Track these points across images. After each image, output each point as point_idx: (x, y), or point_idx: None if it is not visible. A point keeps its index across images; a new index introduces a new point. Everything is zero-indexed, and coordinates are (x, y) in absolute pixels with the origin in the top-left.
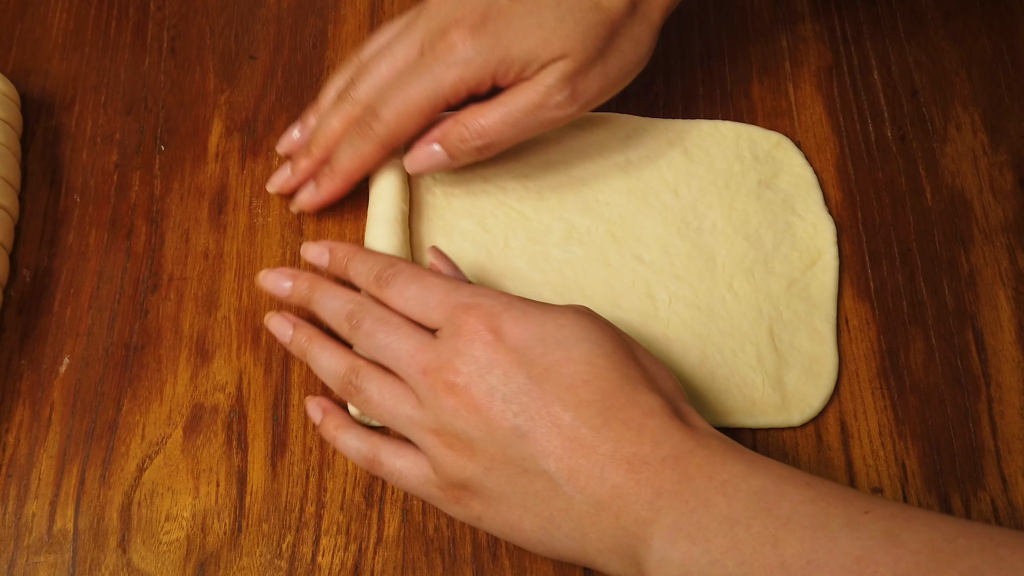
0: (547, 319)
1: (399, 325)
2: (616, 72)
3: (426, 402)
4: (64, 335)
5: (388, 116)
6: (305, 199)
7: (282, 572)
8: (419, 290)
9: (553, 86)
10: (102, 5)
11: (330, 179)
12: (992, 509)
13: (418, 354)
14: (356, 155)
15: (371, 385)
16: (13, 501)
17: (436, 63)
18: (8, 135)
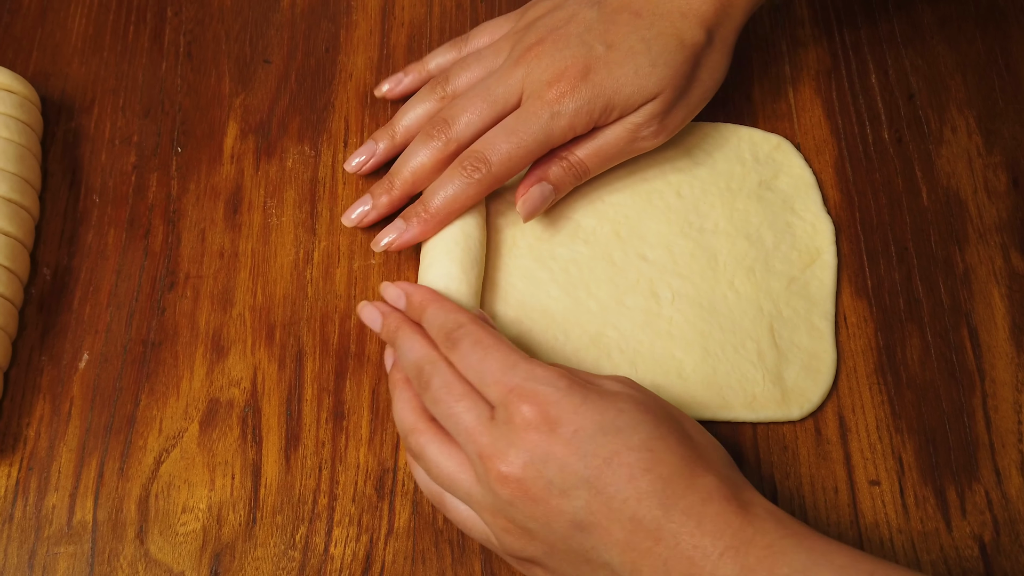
0: (606, 405)
1: (462, 396)
2: (697, 99)
3: (483, 484)
4: (83, 332)
5: (498, 161)
6: (394, 239)
7: (295, 563)
8: (478, 362)
9: (643, 124)
10: (120, 10)
11: (425, 220)
12: (987, 501)
13: (475, 434)
14: (458, 197)
15: (432, 448)
16: (34, 493)
17: (544, 111)
18: (29, 137)
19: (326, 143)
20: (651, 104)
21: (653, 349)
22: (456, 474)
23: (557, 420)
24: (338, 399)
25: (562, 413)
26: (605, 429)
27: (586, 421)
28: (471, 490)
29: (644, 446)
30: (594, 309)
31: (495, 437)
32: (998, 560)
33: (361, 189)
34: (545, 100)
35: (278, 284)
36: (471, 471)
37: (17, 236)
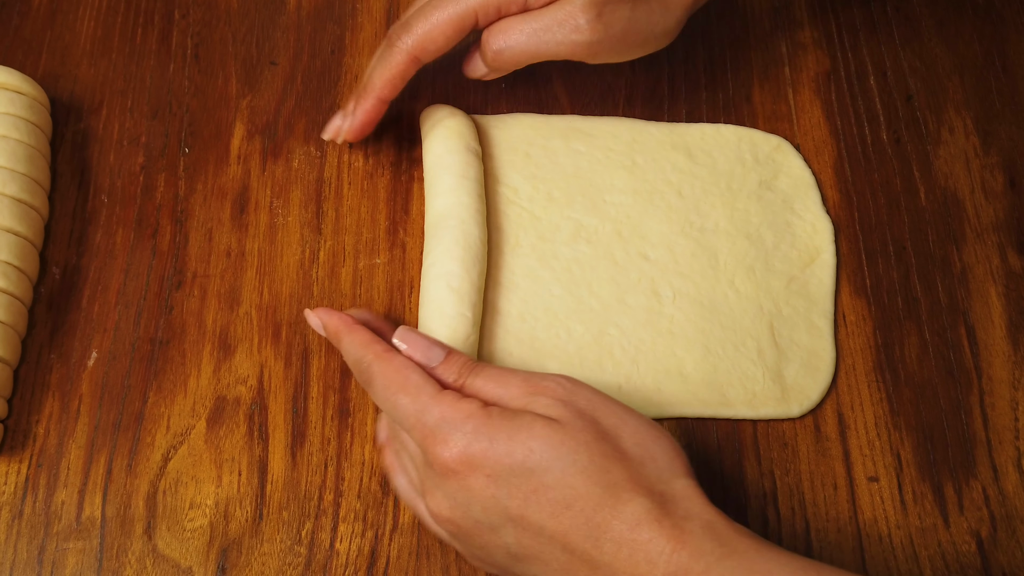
0: (514, 445)
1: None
2: (641, 25)
3: (431, 515)
4: (92, 330)
5: (417, 27)
6: (343, 124)
7: (301, 558)
8: (392, 408)
9: (580, 7)
10: (128, 13)
11: (363, 98)
12: (984, 498)
13: (414, 464)
14: (385, 68)
15: (403, 457)
16: (43, 489)
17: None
18: (38, 138)
19: (331, 144)
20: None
21: (655, 347)
22: (414, 499)
23: (471, 463)
24: (343, 397)
25: (474, 456)
26: (516, 471)
27: (499, 463)
28: (424, 516)
29: (561, 483)
30: (596, 308)
31: (426, 476)
32: (995, 555)
33: (366, 188)
34: None
35: (284, 283)
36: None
37: (27, 236)
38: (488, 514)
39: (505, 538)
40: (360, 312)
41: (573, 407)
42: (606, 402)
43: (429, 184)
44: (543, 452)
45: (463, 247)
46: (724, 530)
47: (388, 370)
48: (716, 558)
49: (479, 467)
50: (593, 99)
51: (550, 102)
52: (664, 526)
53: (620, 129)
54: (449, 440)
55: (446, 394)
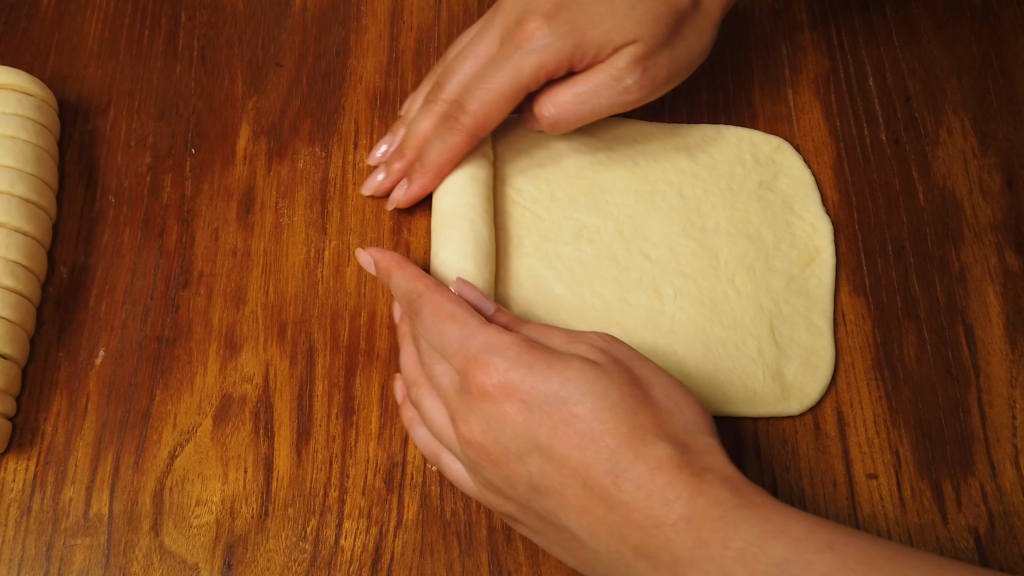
0: (552, 374)
1: (439, 359)
2: (682, 59)
3: (459, 444)
4: (99, 329)
5: (474, 107)
6: (399, 196)
7: (307, 554)
8: (438, 333)
9: (624, 68)
10: (135, 15)
11: (422, 174)
12: (981, 495)
13: (447, 398)
14: (445, 148)
15: (427, 401)
16: (51, 486)
17: (515, 52)
18: (46, 139)
19: (337, 144)
20: (632, 47)
21: (656, 346)
22: (444, 427)
23: (508, 388)
24: (348, 395)
25: (512, 381)
26: (551, 398)
27: (535, 389)
28: (453, 446)
29: (591, 416)
30: (598, 307)
31: (460, 403)
32: (993, 552)
33: None
34: (514, 41)
35: (290, 282)
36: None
37: (35, 235)
38: (517, 441)
39: (530, 466)
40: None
41: (610, 354)
42: (641, 357)
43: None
44: (577, 383)
45: (475, 246)
46: (742, 484)
47: (439, 299)
48: (732, 506)
49: (515, 392)
50: None
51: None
52: (684, 473)
53: (622, 130)
54: (490, 364)
55: (492, 324)
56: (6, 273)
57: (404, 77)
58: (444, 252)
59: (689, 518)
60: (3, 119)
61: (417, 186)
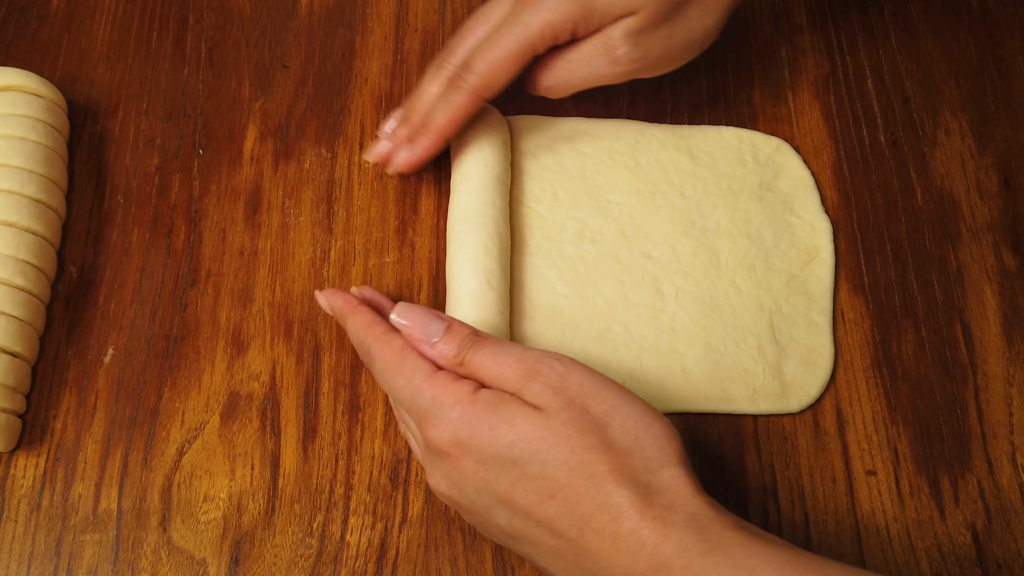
0: (496, 436)
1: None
2: (680, 38)
3: (432, 490)
4: (108, 327)
5: (480, 66)
6: (402, 159)
7: (313, 550)
8: (390, 389)
9: (617, 39)
10: (144, 18)
11: (425, 135)
12: (979, 491)
13: (415, 444)
14: (450, 108)
15: (408, 440)
16: (61, 483)
17: (525, 10)
18: (56, 140)
19: (342, 145)
20: (630, 19)
21: (658, 344)
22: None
23: (461, 445)
24: (354, 392)
25: (463, 438)
26: (502, 459)
27: (486, 449)
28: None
29: (542, 474)
30: (600, 305)
31: (425, 455)
32: (990, 547)
33: (375, 189)
34: (525, 1)
35: (296, 281)
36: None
37: (45, 235)
38: (480, 495)
39: (498, 518)
40: (366, 290)
41: (564, 394)
42: (599, 387)
43: (464, 175)
44: (523, 445)
45: (500, 248)
46: (709, 523)
47: (386, 352)
48: (699, 553)
49: (468, 451)
50: (598, 102)
51: (555, 105)
52: (646, 517)
53: (624, 131)
54: (439, 423)
55: (439, 376)
56: (16, 272)
57: (409, 79)
58: (471, 248)
59: (657, 567)
60: (13, 120)
61: (420, 148)
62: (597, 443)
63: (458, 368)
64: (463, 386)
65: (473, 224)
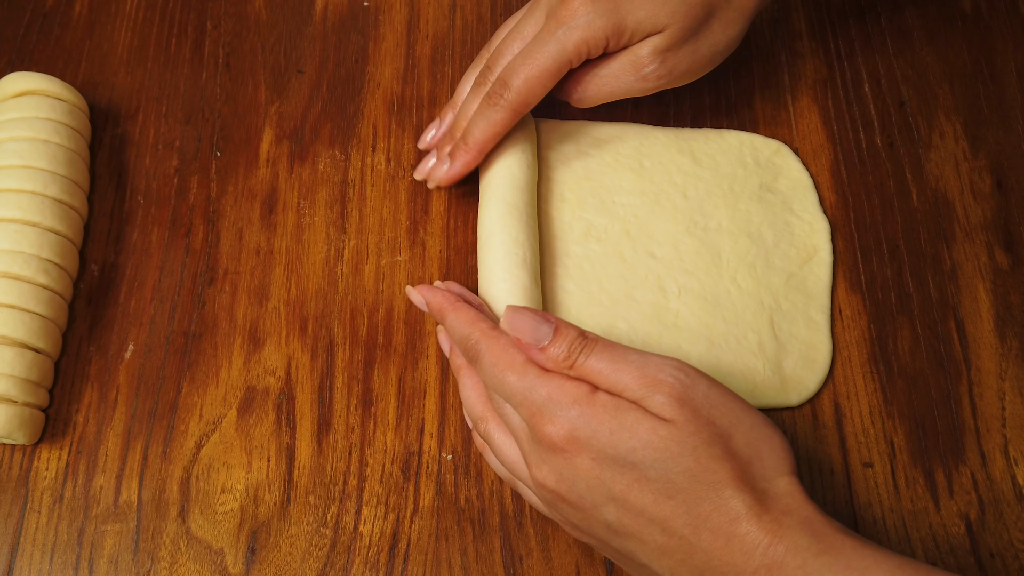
0: (618, 441)
1: (504, 401)
2: (705, 51)
3: (534, 486)
4: (129, 324)
5: (518, 83)
6: (441, 174)
7: (327, 539)
8: (499, 383)
9: (645, 57)
10: (163, 24)
11: (464, 151)
12: (972, 482)
13: (519, 439)
14: (488, 124)
15: (497, 436)
16: (83, 475)
17: (559, 28)
18: (78, 142)
19: (355, 148)
20: (657, 37)
21: (661, 340)
22: (517, 463)
23: (578, 443)
24: (367, 387)
25: (581, 437)
26: (622, 461)
27: (604, 450)
28: (528, 483)
29: (663, 478)
30: (606, 303)
31: (532, 449)
32: (983, 537)
33: (388, 190)
34: (559, 17)
35: (311, 280)
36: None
37: (67, 235)
38: (591, 492)
39: (606, 515)
40: (453, 285)
41: (690, 406)
42: (724, 398)
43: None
44: (646, 451)
45: (533, 257)
46: (822, 527)
47: (495, 348)
48: (812, 554)
49: (585, 449)
50: (603, 105)
51: (562, 108)
52: (763, 521)
53: (628, 134)
54: (556, 419)
55: (554, 374)
56: (40, 271)
57: (420, 83)
58: (519, 247)
59: (769, 567)
60: (37, 123)
61: (460, 163)
62: (721, 453)
63: (568, 371)
64: (580, 386)
65: (519, 221)
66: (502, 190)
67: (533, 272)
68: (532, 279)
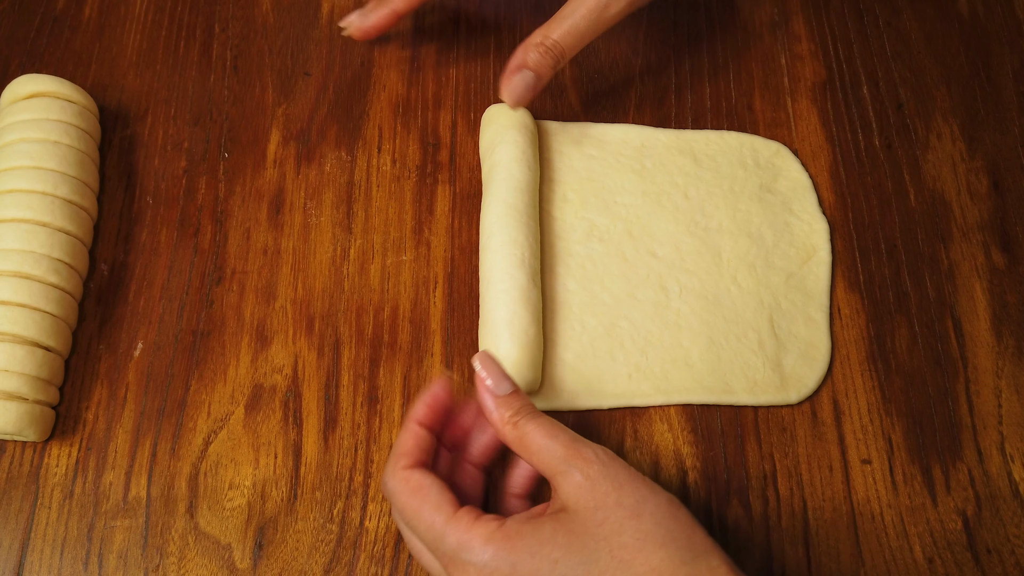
0: (539, 562)
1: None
2: None
3: None
4: (138, 323)
5: None
6: (355, 23)
7: (333, 535)
8: (410, 525)
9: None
10: (172, 27)
11: (381, 7)
12: (969, 479)
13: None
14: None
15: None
16: (92, 471)
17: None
18: (88, 144)
19: (361, 149)
20: None
21: (662, 338)
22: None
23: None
24: (372, 385)
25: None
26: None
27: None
28: None
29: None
30: (608, 302)
31: None
32: (980, 533)
33: (393, 190)
34: None
35: (317, 279)
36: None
37: (77, 235)
38: None
39: None
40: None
41: (599, 487)
42: (632, 480)
43: (508, 174)
44: (567, 559)
45: (536, 246)
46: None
47: (405, 491)
48: None
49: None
50: (605, 107)
51: (565, 110)
52: None
53: (630, 135)
54: (468, 568)
55: (460, 517)
56: (50, 270)
57: (425, 86)
58: (517, 247)
59: None
60: (47, 125)
61: (375, 16)
62: (631, 542)
63: (509, 428)
64: (487, 524)
65: (519, 221)
66: (502, 191)
67: (531, 272)
68: (530, 279)
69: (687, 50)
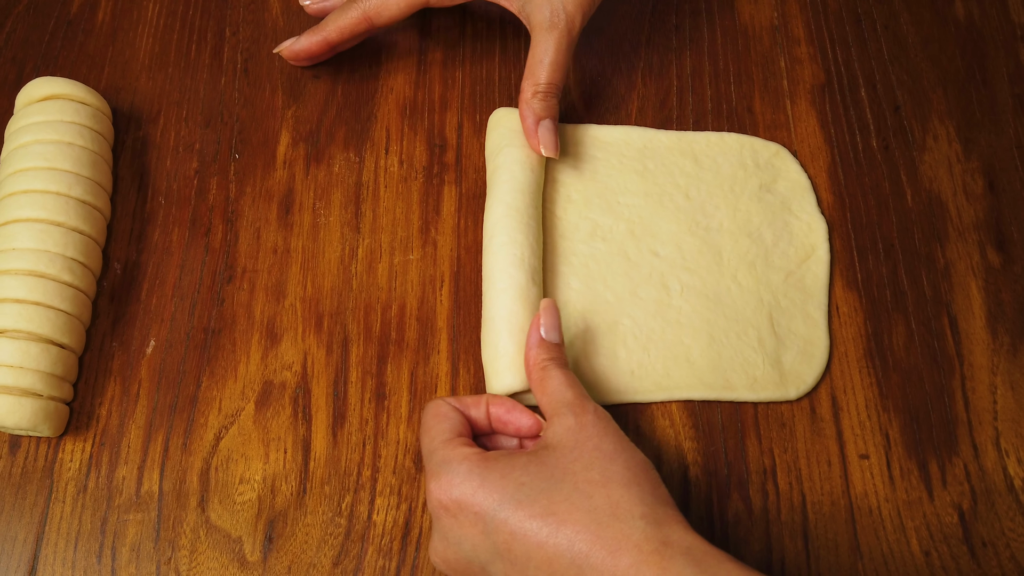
0: (507, 482)
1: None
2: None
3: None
4: (150, 320)
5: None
6: (286, 46)
7: (342, 528)
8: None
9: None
10: (184, 31)
11: (313, 35)
12: (965, 473)
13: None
14: (340, 19)
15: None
16: (106, 466)
17: None
18: (102, 145)
19: (369, 150)
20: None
21: (664, 336)
22: None
23: (461, 502)
24: (380, 381)
25: (464, 495)
26: (505, 503)
27: (487, 500)
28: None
29: (547, 511)
30: (611, 300)
31: (431, 521)
32: (975, 526)
33: (400, 191)
34: None
35: (326, 277)
36: None
37: (91, 234)
38: (477, 551)
39: (495, 573)
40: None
41: (585, 431)
42: (619, 437)
43: (510, 176)
44: (535, 483)
45: (539, 246)
46: (704, 556)
47: (429, 412)
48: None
49: (470, 504)
50: (608, 109)
51: (568, 112)
52: (643, 551)
53: (632, 137)
54: (442, 478)
55: (454, 441)
56: (64, 269)
57: (431, 88)
58: (517, 247)
59: None
60: (61, 127)
61: (304, 41)
62: (600, 477)
63: (538, 368)
64: (473, 449)
65: (519, 222)
66: (504, 193)
67: (531, 271)
68: (529, 278)
69: (688, 53)
